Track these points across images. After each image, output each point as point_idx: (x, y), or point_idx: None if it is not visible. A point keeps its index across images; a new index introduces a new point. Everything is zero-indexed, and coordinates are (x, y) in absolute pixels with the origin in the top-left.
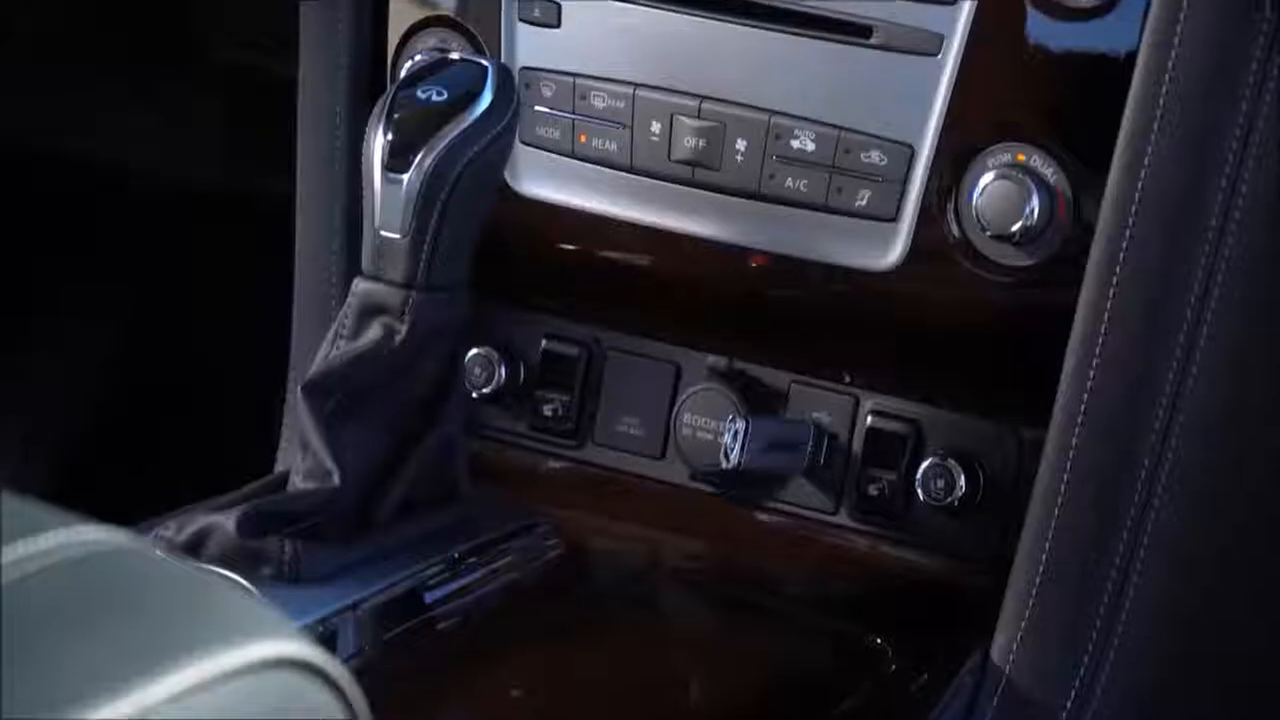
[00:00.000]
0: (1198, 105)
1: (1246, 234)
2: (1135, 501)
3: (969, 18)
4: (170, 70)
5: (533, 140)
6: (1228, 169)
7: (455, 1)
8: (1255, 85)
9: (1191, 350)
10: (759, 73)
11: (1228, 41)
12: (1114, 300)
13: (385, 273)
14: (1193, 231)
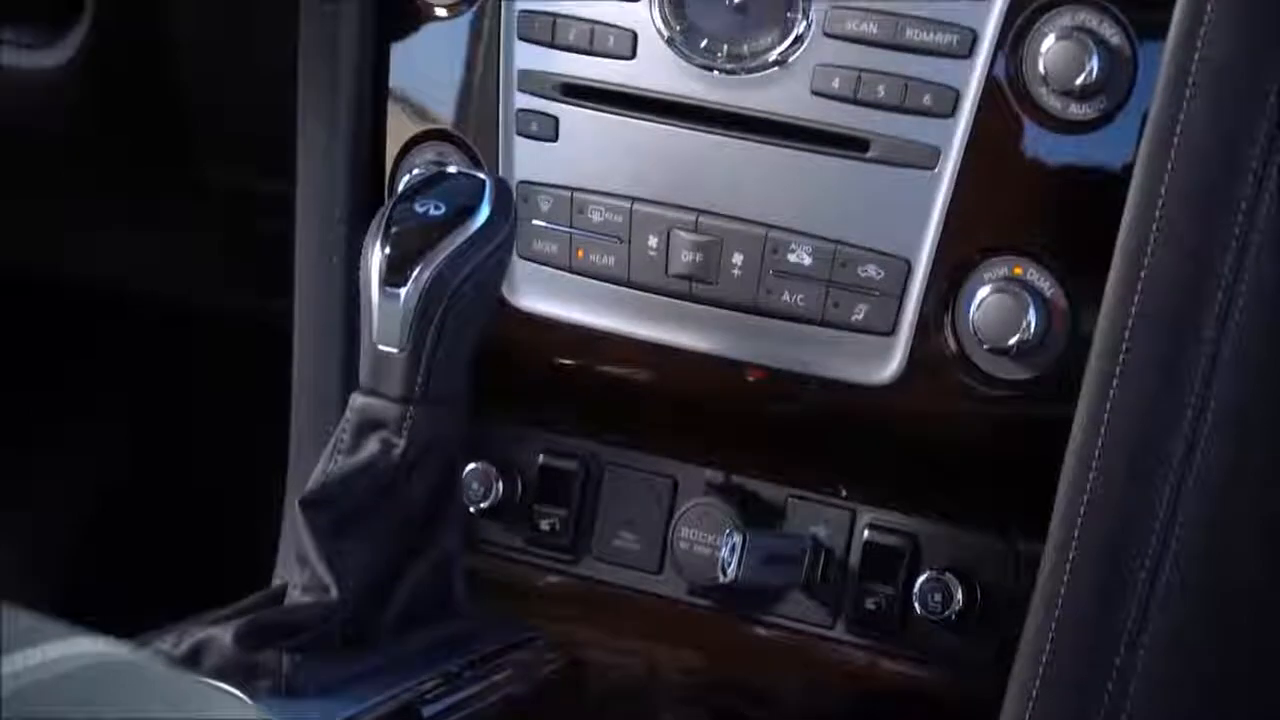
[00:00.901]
0: (1195, 217)
1: (1243, 345)
2: (1133, 614)
3: (966, 131)
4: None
5: (530, 254)
6: (1224, 281)
7: (453, 115)
8: (1252, 195)
9: (1189, 462)
10: (756, 186)
11: (1224, 153)
12: (1111, 414)
13: (383, 387)
14: (1190, 345)
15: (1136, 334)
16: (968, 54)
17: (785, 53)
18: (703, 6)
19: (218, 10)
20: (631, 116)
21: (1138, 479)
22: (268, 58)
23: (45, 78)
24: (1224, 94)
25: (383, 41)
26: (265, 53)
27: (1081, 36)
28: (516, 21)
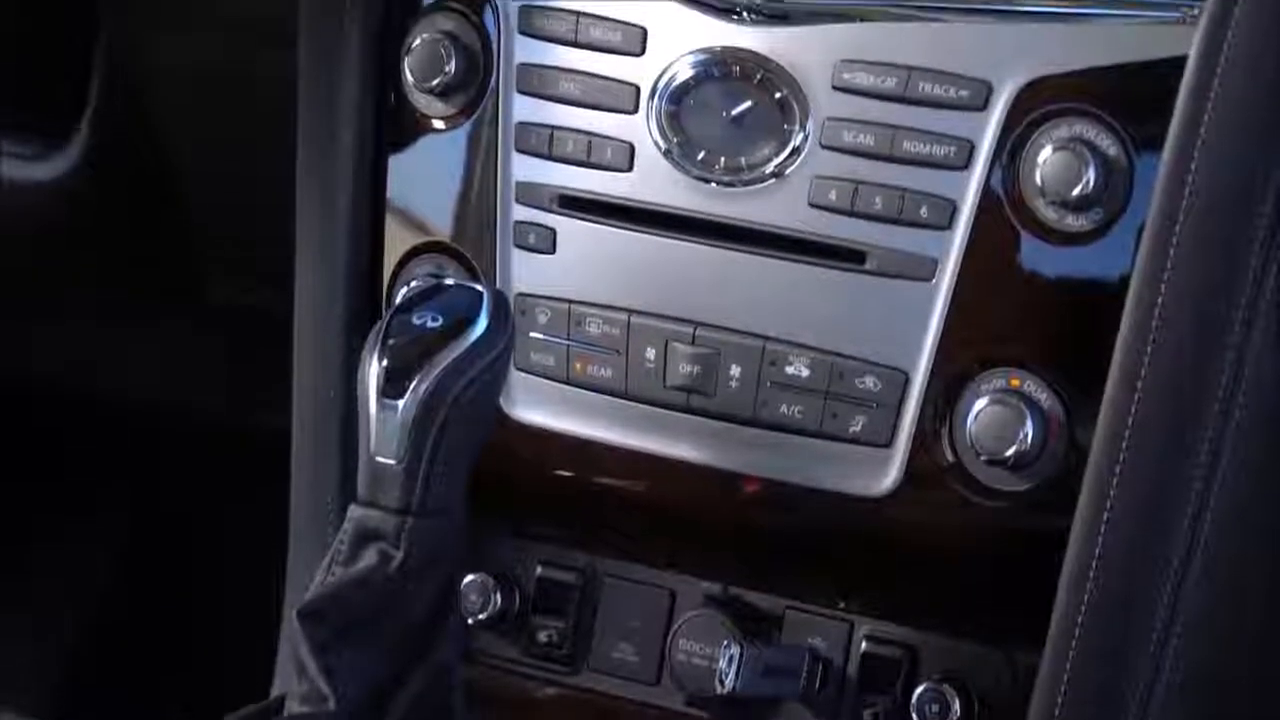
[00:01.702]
0: (1191, 329)
1: (1242, 450)
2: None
3: (963, 243)
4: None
5: (528, 366)
6: (1222, 391)
7: (450, 227)
8: (1248, 305)
9: (1187, 567)
10: (753, 298)
11: (1221, 265)
12: (1108, 524)
13: (381, 499)
14: (1187, 455)
15: (1133, 445)
16: (964, 166)
17: (782, 165)
18: (700, 119)
19: (217, 122)
20: (629, 229)
21: (1136, 588)
22: (267, 169)
23: (45, 189)
24: (1220, 206)
25: (381, 153)
26: (264, 164)
27: (1078, 148)
28: (514, 133)
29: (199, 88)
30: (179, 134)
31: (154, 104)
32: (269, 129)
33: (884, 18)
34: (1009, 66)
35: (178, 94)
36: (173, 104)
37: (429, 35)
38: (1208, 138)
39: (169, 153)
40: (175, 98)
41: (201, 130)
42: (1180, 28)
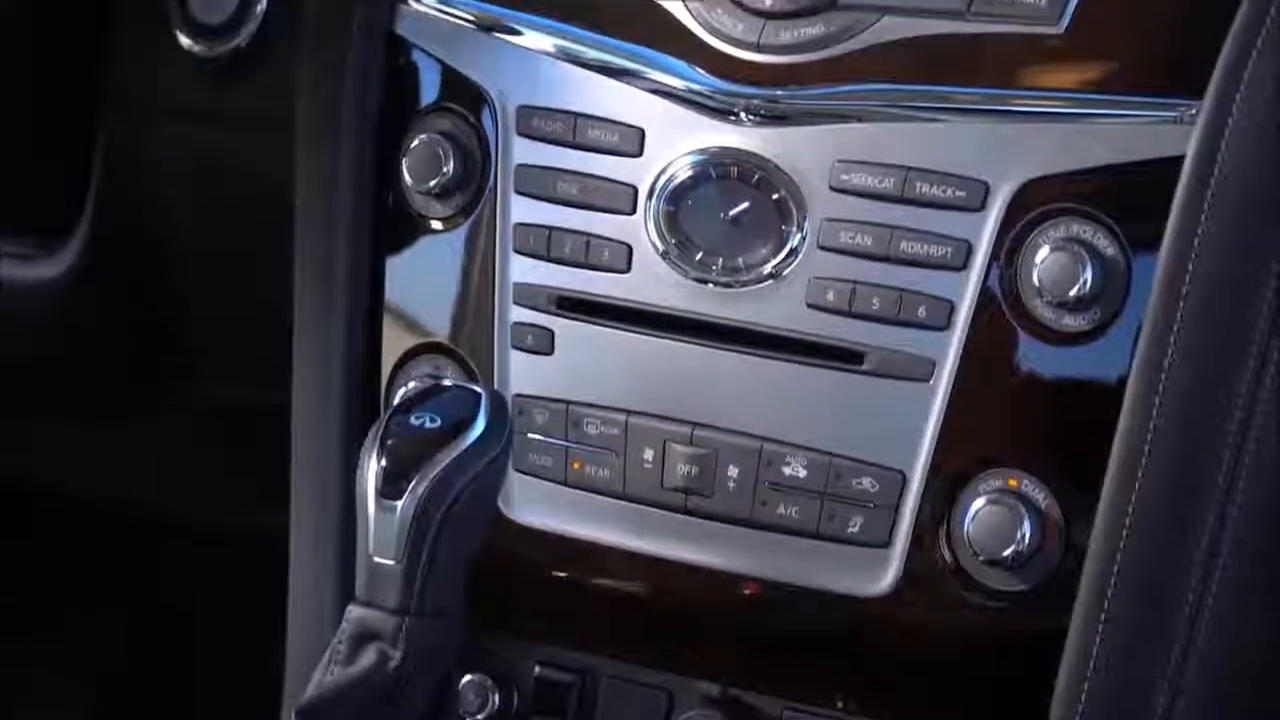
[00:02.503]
0: (1188, 430)
1: (1239, 551)
2: None
3: (961, 343)
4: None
5: (526, 467)
6: (1218, 494)
7: (448, 328)
8: (1246, 405)
9: (1185, 666)
10: (751, 399)
11: (1219, 366)
12: (1105, 624)
13: (379, 599)
14: (1184, 557)
15: (1131, 543)
16: (962, 266)
17: (780, 266)
18: (698, 220)
19: (216, 221)
20: (627, 330)
21: (1134, 687)
22: (266, 268)
23: (43, 288)
24: (1218, 304)
25: (379, 254)
26: (264, 263)
27: (1076, 248)
28: (512, 234)
29: (198, 186)
30: (178, 233)
31: (153, 203)
32: (269, 228)
33: (881, 118)
34: (1006, 167)
35: (177, 193)
36: (172, 203)
37: (427, 136)
38: (1204, 237)
39: (168, 252)
40: (175, 196)
41: (201, 229)
42: (1177, 128)
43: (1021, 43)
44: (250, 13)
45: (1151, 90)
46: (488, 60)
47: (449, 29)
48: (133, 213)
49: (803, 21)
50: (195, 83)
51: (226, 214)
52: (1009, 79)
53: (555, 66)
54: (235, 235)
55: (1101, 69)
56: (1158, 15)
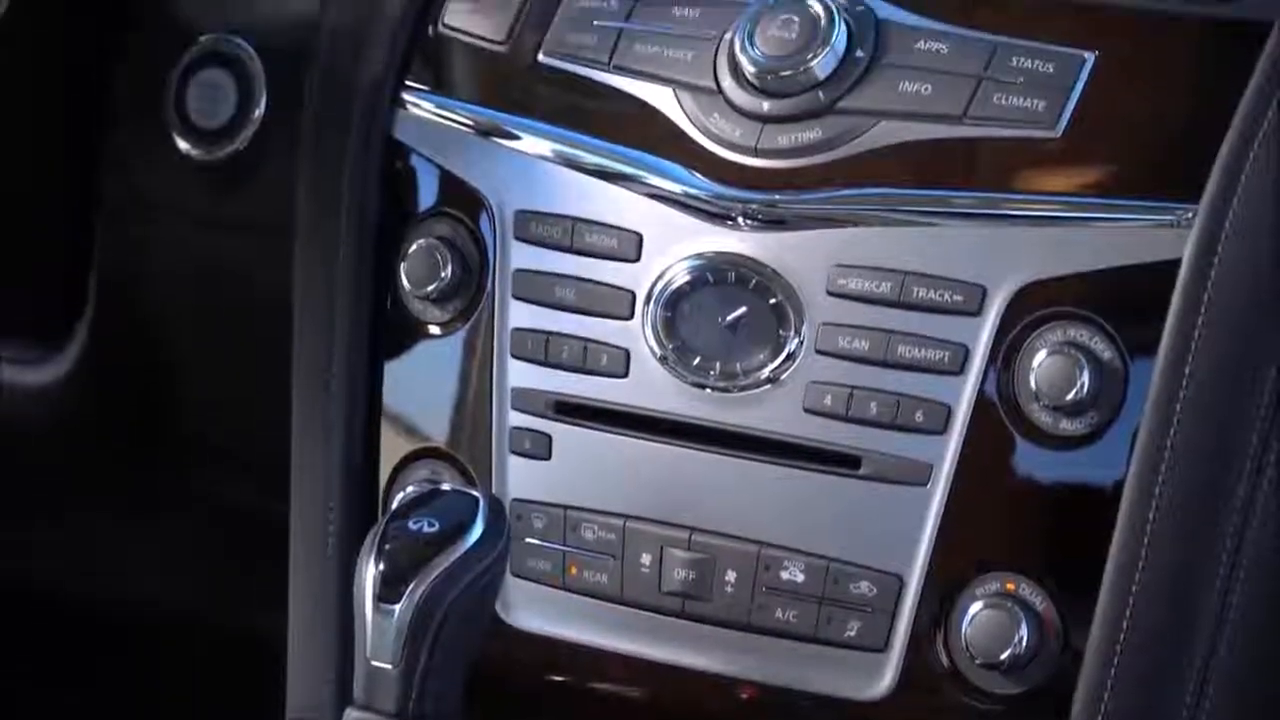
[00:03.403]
0: (1184, 536)
1: (1234, 664)
2: None
3: (958, 447)
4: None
5: (523, 572)
6: (1214, 598)
7: (446, 433)
8: (1242, 511)
9: None
10: (748, 503)
11: (1215, 471)
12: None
13: (377, 703)
14: (1181, 664)
15: (1128, 649)
16: (959, 370)
17: (777, 370)
18: (695, 325)
19: (214, 326)
20: (625, 434)
21: None
22: (265, 373)
23: (43, 393)
24: (1214, 412)
25: (377, 358)
26: (263, 368)
27: (1073, 352)
28: (510, 339)
29: (197, 290)
30: (177, 336)
31: (151, 306)
32: (267, 332)
33: (878, 223)
34: (1003, 271)
35: (176, 296)
36: (170, 307)
37: (425, 241)
38: (1201, 342)
39: (167, 355)
40: (173, 300)
41: (199, 333)
42: (1173, 231)
43: (1018, 147)
44: (248, 117)
45: (1148, 194)
46: (486, 165)
47: (447, 134)
48: (131, 316)
49: (800, 126)
50: (193, 187)
51: (225, 318)
52: (1006, 183)
53: (553, 171)
54: (234, 339)
55: (1098, 173)
56: (1154, 119)
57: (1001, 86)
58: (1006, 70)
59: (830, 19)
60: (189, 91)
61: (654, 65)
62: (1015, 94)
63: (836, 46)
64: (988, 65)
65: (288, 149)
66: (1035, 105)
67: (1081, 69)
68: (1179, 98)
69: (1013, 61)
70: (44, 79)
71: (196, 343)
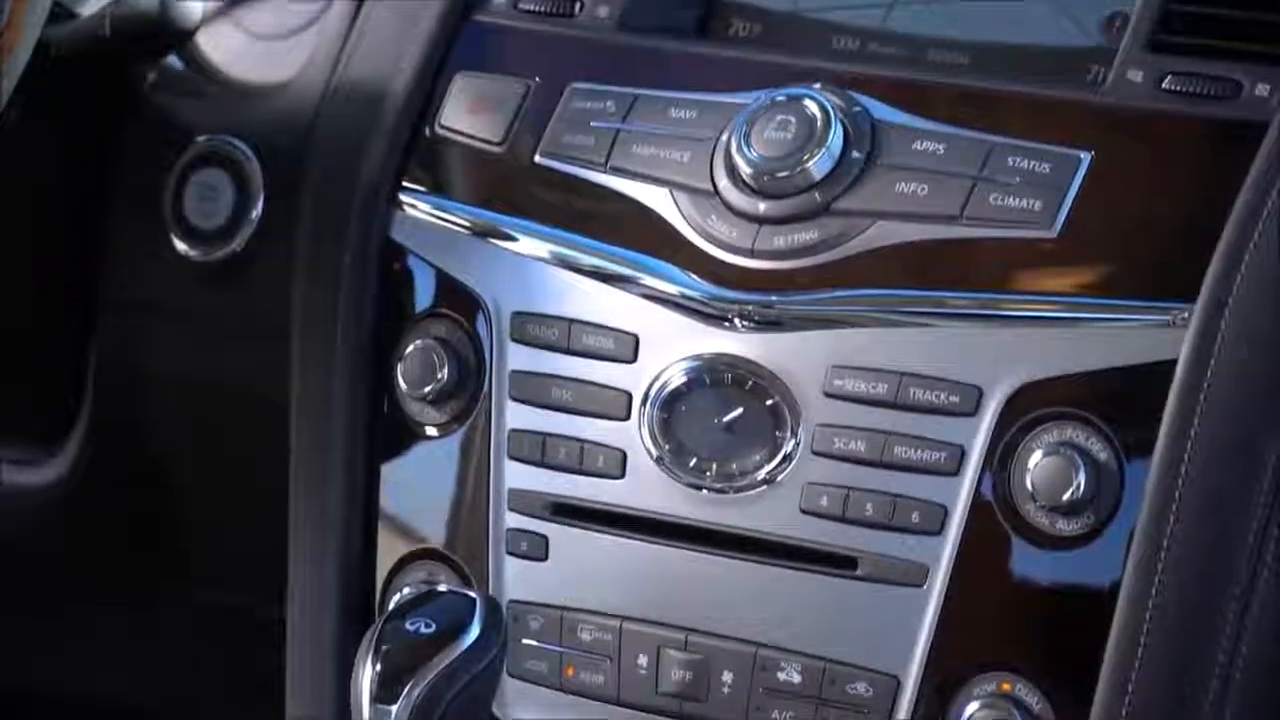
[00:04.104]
0: (1180, 638)
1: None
2: None
3: (954, 548)
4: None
5: (520, 673)
6: (1211, 700)
7: (443, 534)
8: (1238, 613)
9: None
10: (745, 604)
11: (1211, 573)
12: None
13: None
14: None
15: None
16: (956, 471)
17: (774, 472)
18: (692, 426)
19: (211, 426)
20: (621, 535)
21: None
22: (263, 474)
23: (41, 493)
24: (1214, 504)
25: (374, 460)
26: (261, 469)
27: (1069, 453)
28: (507, 440)
29: (194, 390)
30: (174, 437)
31: (149, 406)
32: (265, 433)
33: (874, 324)
34: (999, 371)
35: (173, 397)
36: (168, 407)
37: (422, 342)
38: (1198, 442)
39: (164, 455)
40: (170, 400)
41: (197, 433)
42: (1170, 331)
43: (1014, 247)
44: (245, 218)
45: (1143, 294)
46: (482, 266)
47: (444, 235)
48: (129, 416)
49: (796, 227)
50: (190, 288)
51: (222, 418)
52: (1002, 283)
53: (550, 272)
54: (231, 439)
55: (1094, 273)
56: (1150, 219)
57: (997, 187)
58: (1003, 170)
59: (826, 120)
60: (186, 192)
61: (650, 166)
62: (1011, 194)
63: (832, 147)
64: (983, 166)
65: (285, 250)
66: (1031, 205)
67: (1077, 169)
68: (1175, 197)
69: (1009, 162)
70: (45, 179)
71: (193, 443)
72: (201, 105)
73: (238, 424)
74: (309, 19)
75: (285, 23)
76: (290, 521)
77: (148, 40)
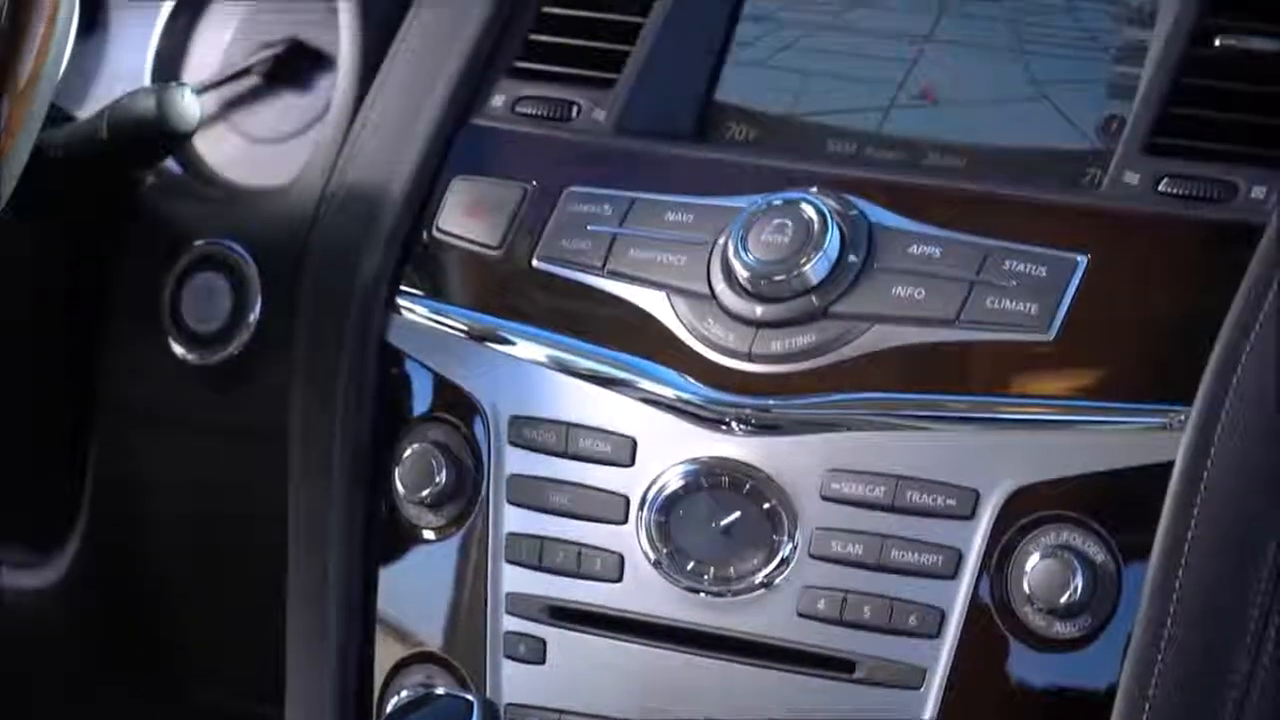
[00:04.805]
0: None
1: None
2: None
3: (951, 651)
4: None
5: None
6: None
7: (440, 637)
8: (1241, 689)
9: None
10: (743, 707)
11: (1207, 678)
12: None
13: None
14: None
15: None
16: (953, 574)
17: (771, 575)
18: (689, 529)
19: (208, 531)
20: (619, 639)
21: None
22: (262, 578)
23: (38, 596)
24: (1206, 618)
25: (371, 564)
26: (259, 573)
27: (1066, 555)
28: (504, 544)
29: (191, 495)
30: (171, 541)
31: (146, 510)
32: (262, 539)
33: (871, 427)
34: (996, 475)
35: (170, 501)
36: (165, 511)
37: (419, 446)
38: (1195, 544)
39: (161, 560)
40: (167, 505)
41: (194, 538)
42: (1166, 434)
43: (1011, 351)
44: (243, 322)
45: (1140, 397)
46: (480, 370)
47: (442, 339)
48: (127, 518)
49: (794, 331)
50: (188, 391)
51: (220, 521)
52: (998, 387)
53: (547, 376)
54: (229, 542)
55: (1090, 376)
56: (1146, 321)
57: (994, 290)
58: (999, 274)
59: (823, 224)
60: (184, 295)
61: (648, 270)
62: (1008, 298)
63: (829, 251)
64: (980, 269)
65: (283, 354)
66: (1028, 309)
67: (1074, 272)
68: (1171, 299)
69: (1005, 265)
70: (43, 281)
71: (193, 547)
72: (199, 209)
73: (236, 527)
74: (306, 123)
75: (282, 126)
76: (288, 626)
77: (146, 143)
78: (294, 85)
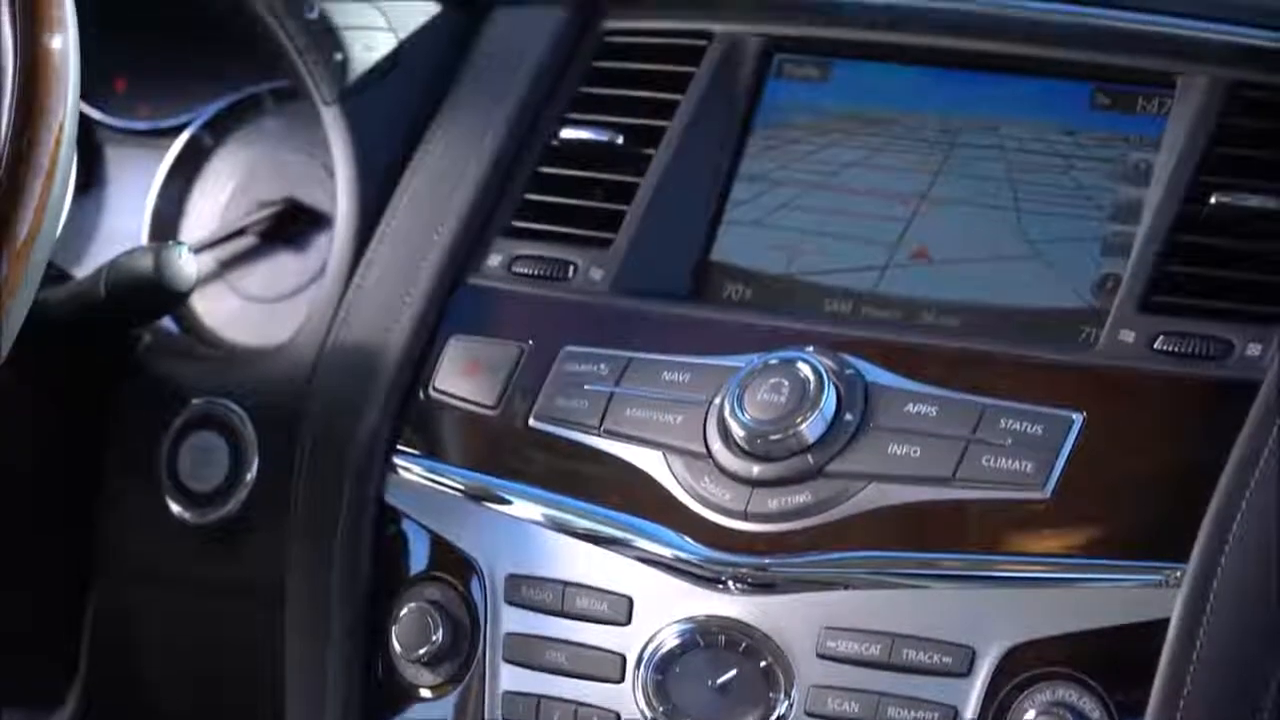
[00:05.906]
0: None
1: None
2: None
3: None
4: None
5: None
6: None
7: None
8: None
9: None
10: None
11: None
12: None
13: None
14: None
15: None
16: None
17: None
18: (685, 687)
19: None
20: None
21: None
22: None
23: None
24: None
25: None
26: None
27: (1061, 712)
28: (501, 703)
29: (188, 653)
30: (168, 700)
31: (143, 668)
32: (261, 699)
33: (868, 585)
34: (991, 632)
35: (167, 659)
36: (162, 669)
37: (416, 605)
38: (1190, 702)
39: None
40: (165, 663)
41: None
42: (1161, 591)
43: (1007, 508)
44: (240, 481)
45: (1136, 554)
46: (477, 529)
47: (438, 498)
48: (125, 676)
49: (790, 490)
50: (185, 550)
51: (218, 682)
52: (994, 545)
53: (544, 535)
54: (227, 703)
55: (1086, 534)
56: (1142, 479)
57: (990, 448)
58: (995, 432)
59: (819, 383)
60: (181, 454)
61: (644, 429)
62: (1004, 456)
63: (825, 410)
64: (976, 427)
65: (280, 513)
66: (1024, 467)
67: (1069, 431)
68: (1166, 457)
69: (1001, 423)
70: (40, 440)
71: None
72: (196, 368)
73: (234, 686)
74: (303, 282)
75: (279, 286)
76: None
77: (143, 302)
78: (291, 245)
